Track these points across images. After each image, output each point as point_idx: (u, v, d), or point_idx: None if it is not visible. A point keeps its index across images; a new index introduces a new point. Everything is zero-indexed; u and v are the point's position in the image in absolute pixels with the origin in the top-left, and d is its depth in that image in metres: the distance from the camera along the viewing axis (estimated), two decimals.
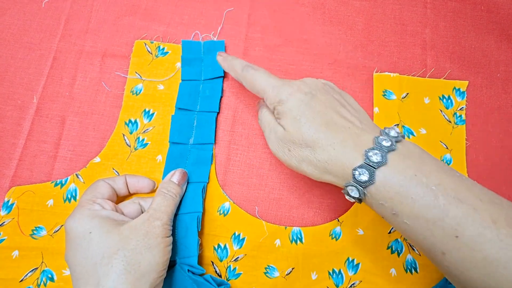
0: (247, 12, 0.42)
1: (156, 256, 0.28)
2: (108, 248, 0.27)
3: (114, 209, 0.31)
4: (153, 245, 0.28)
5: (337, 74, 0.40)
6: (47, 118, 0.38)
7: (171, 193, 0.32)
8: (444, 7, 0.43)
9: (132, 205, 0.33)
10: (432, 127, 0.38)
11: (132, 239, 0.27)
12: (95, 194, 0.31)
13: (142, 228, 0.28)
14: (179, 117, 0.37)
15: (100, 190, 0.31)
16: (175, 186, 0.33)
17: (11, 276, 0.33)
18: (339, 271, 0.34)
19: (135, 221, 0.29)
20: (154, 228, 0.29)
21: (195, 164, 0.36)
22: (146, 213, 0.30)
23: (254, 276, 0.34)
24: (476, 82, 0.40)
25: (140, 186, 0.34)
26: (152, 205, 0.31)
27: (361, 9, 0.43)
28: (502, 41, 0.42)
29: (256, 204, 0.36)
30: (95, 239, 0.27)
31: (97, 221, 0.28)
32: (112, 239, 0.27)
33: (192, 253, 0.32)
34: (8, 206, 0.35)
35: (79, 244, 0.27)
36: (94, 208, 0.30)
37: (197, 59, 0.39)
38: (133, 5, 0.42)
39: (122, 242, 0.27)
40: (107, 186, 0.32)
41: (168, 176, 0.34)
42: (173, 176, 0.34)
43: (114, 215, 0.30)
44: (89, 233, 0.28)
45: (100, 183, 0.32)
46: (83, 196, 0.31)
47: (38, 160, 0.37)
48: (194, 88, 0.39)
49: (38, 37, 0.41)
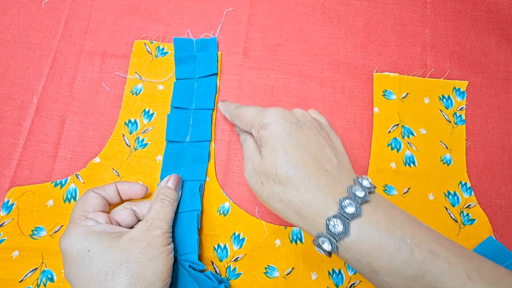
0: (247, 12, 0.42)
1: (160, 266, 0.27)
2: (111, 264, 0.26)
3: (108, 221, 0.30)
4: (156, 255, 0.27)
5: (337, 74, 0.40)
6: (47, 118, 0.38)
7: (169, 198, 0.31)
8: (444, 7, 0.43)
9: (125, 211, 0.32)
10: (432, 127, 0.38)
11: (134, 251, 0.27)
12: (86, 208, 0.30)
13: (143, 239, 0.28)
14: (175, 115, 0.37)
15: (91, 203, 0.30)
16: (172, 192, 0.32)
17: (11, 277, 0.33)
18: (339, 271, 0.34)
19: (134, 232, 0.28)
20: (155, 237, 0.28)
21: (192, 162, 0.36)
22: (145, 222, 0.29)
23: (254, 276, 0.34)
24: (476, 82, 0.40)
25: (133, 192, 0.33)
26: (150, 213, 0.30)
27: (361, 9, 0.43)
28: (502, 41, 0.42)
29: (256, 204, 0.36)
30: (96, 256, 0.27)
31: (93, 237, 0.27)
32: (113, 254, 0.27)
33: (192, 249, 0.32)
34: (8, 207, 0.35)
35: (79, 263, 0.27)
36: (88, 224, 0.28)
37: (190, 57, 0.39)
38: (133, 5, 0.42)
39: (124, 256, 0.27)
40: (97, 197, 0.31)
41: (164, 181, 0.33)
42: (168, 181, 0.33)
43: (109, 228, 0.29)
44: (87, 251, 0.27)
45: (90, 195, 0.31)
46: (73, 211, 0.30)
47: (38, 160, 0.37)
48: (188, 86, 0.39)
49: (38, 37, 0.41)
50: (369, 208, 0.24)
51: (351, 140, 0.38)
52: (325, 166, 0.26)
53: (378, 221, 0.23)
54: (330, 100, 0.39)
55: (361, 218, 0.23)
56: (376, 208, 0.24)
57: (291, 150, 0.26)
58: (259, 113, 0.29)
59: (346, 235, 0.23)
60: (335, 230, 0.23)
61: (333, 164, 0.27)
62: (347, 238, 0.23)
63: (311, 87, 0.40)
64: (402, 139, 0.38)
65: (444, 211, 0.36)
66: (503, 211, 0.36)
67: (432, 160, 0.37)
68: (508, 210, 0.36)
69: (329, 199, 0.24)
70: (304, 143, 0.26)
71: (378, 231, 0.23)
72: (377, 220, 0.23)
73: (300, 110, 0.30)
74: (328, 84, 0.40)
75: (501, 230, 0.35)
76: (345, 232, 0.23)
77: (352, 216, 0.23)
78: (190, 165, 0.36)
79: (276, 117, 0.27)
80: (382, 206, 0.25)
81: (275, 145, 0.26)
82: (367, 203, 0.24)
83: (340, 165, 0.27)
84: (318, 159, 0.26)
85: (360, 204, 0.24)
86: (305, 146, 0.26)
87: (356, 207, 0.23)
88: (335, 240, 0.23)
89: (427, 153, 0.37)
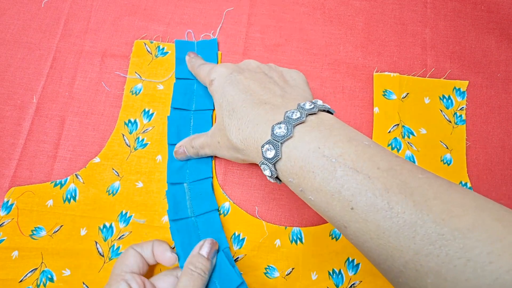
0: (247, 12, 0.42)
1: None
2: None
3: (142, 285, 0.28)
4: None
5: (337, 74, 0.40)
6: (46, 118, 0.38)
7: (199, 270, 0.28)
8: (444, 7, 0.43)
9: (169, 277, 0.30)
10: (432, 127, 0.38)
11: None
12: (123, 268, 0.28)
13: None
14: (176, 117, 0.37)
15: (129, 262, 0.29)
16: (203, 261, 0.29)
17: (11, 277, 0.33)
18: (339, 271, 0.34)
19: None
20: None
21: (197, 163, 0.36)
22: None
23: (254, 276, 0.34)
24: (476, 82, 0.40)
25: (161, 259, 0.30)
26: (177, 287, 0.27)
27: (361, 9, 0.43)
28: (502, 41, 0.42)
29: (256, 204, 0.36)
30: None
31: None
32: None
33: (224, 245, 0.33)
34: (8, 207, 0.35)
35: None
36: (120, 287, 0.27)
37: None
38: (132, 5, 0.42)
39: None
40: (135, 255, 0.29)
41: (196, 248, 0.30)
42: (201, 248, 0.29)
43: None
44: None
45: (129, 253, 0.29)
46: (113, 269, 0.29)
47: (38, 160, 0.37)
48: (188, 87, 0.38)
49: (38, 37, 0.41)
50: (303, 129, 0.23)
51: None
52: (265, 100, 0.26)
53: (309, 142, 0.23)
54: (330, 100, 0.39)
55: (292, 139, 0.23)
56: (312, 129, 0.23)
57: (231, 96, 0.27)
58: (208, 71, 0.31)
59: (278, 158, 0.23)
60: (268, 155, 0.23)
61: (276, 95, 0.27)
62: (280, 161, 0.23)
63: (311, 87, 0.40)
64: (402, 139, 0.38)
65: None
66: None
67: (433, 160, 0.37)
68: None
69: (266, 127, 0.24)
70: (243, 86, 0.27)
71: (307, 152, 0.22)
72: (309, 141, 0.23)
73: (249, 60, 0.31)
74: (328, 84, 0.40)
75: None
76: (276, 155, 0.23)
77: (282, 139, 0.23)
78: (196, 166, 0.36)
79: (219, 71, 0.29)
80: (320, 126, 0.24)
81: (218, 99, 0.28)
82: (302, 124, 0.24)
83: (285, 95, 0.27)
84: (258, 95, 0.27)
85: (293, 126, 0.23)
86: (244, 88, 0.27)
87: (288, 129, 0.23)
88: (271, 164, 0.23)
89: (427, 153, 0.37)
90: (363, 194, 0.20)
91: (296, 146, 0.23)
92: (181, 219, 0.33)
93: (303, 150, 0.23)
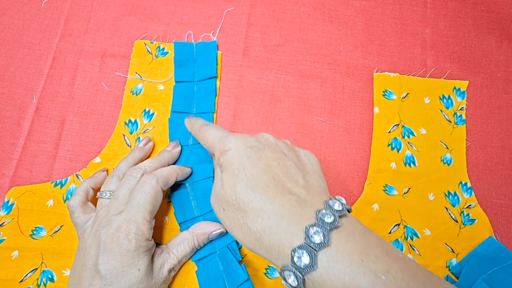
0: (247, 12, 0.42)
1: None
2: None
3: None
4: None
5: (337, 74, 0.40)
6: (46, 118, 0.38)
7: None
8: (444, 7, 0.43)
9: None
10: (432, 127, 0.38)
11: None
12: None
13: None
14: (176, 120, 0.37)
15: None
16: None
17: (11, 277, 0.33)
18: None
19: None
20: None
21: (198, 163, 0.36)
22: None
23: (255, 277, 0.34)
24: (476, 82, 0.40)
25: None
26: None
27: (361, 9, 0.43)
28: (502, 41, 0.42)
29: None
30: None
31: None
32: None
33: (231, 238, 0.33)
34: (8, 207, 0.35)
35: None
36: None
37: (190, 60, 0.39)
38: (132, 5, 0.42)
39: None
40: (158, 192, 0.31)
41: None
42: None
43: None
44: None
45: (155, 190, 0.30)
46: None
47: (38, 160, 0.37)
48: (188, 89, 0.38)
49: (38, 37, 0.41)
50: (339, 236, 0.21)
51: (351, 140, 0.38)
52: (289, 189, 0.24)
53: (350, 253, 0.21)
54: (330, 100, 0.39)
55: (330, 248, 0.21)
56: (348, 236, 0.21)
57: (251, 173, 0.24)
58: (220, 140, 0.28)
59: (313, 269, 0.20)
60: (301, 262, 0.20)
61: (300, 186, 0.24)
62: (314, 272, 0.20)
63: (311, 87, 0.40)
64: (402, 139, 0.38)
65: (444, 211, 0.35)
66: (503, 211, 0.36)
67: (433, 160, 0.37)
68: (509, 210, 0.36)
69: (294, 226, 0.22)
70: (265, 166, 0.25)
71: (350, 265, 0.20)
72: (349, 252, 0.21)
73: (265, 134, 0.28)
74: (328, 84, 0.40)
75: (502, 230, 0.35)
76: (312, 266, 0.20)
77: (319, 246, 0.20)
78: (197, 167, 0.36)
79: (236, 143, 0.26)
80: (354, 234, 0.22)
81: (235, 170, 0.25)
82: (337, 230, 0.21)
83: (308, 186, 0.24)
84: (281, 181, 0.24)
85: (329, 231, 0.21)
86: (266, 168, 0.25)
87: (324, 235, 0.21)
88: (301, 274, 0.21)
89: (427, 153, 0.37)
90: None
91: (335, 257, 0.20)
92: (188, 220, 0.34)
93: (345, 263, 0.20)
